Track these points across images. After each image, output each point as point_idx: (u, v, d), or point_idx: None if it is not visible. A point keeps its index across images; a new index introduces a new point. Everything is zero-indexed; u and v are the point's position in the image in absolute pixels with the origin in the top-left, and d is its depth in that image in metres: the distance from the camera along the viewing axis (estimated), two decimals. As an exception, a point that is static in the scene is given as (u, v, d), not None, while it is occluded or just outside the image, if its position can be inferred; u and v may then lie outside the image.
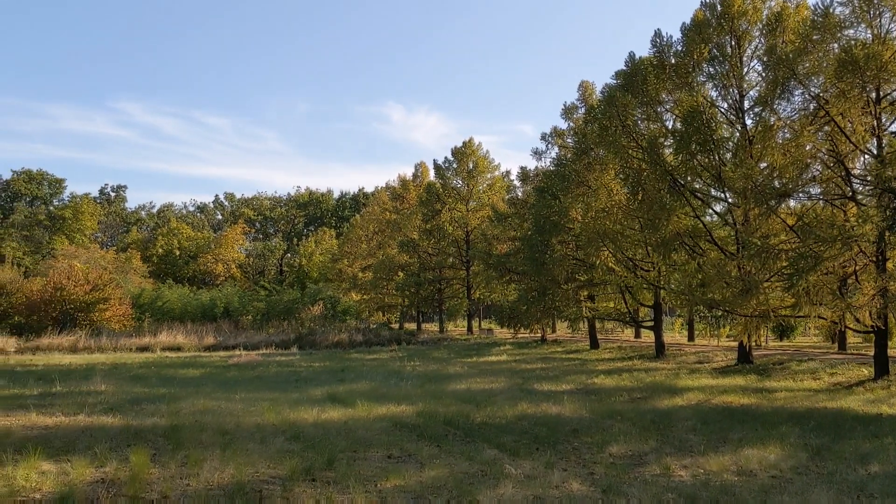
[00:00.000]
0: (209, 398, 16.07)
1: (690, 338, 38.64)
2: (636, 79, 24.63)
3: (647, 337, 39.58)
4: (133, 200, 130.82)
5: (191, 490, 8.17)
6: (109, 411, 13.95)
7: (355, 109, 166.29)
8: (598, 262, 28.99)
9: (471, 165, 50.40)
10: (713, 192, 24.47)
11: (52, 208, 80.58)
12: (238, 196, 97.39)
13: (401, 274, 51.71)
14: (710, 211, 25.61)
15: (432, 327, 58.29)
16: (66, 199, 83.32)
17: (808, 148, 19.33)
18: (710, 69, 23.87)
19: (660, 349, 28.52)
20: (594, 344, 34.62)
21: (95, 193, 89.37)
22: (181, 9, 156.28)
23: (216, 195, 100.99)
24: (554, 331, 47.38)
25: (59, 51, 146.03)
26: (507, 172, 53.14)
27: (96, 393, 16.94)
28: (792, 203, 22.22)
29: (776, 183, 19.67)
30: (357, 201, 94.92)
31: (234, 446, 10.40)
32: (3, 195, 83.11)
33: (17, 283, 43.39)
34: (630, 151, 24.98)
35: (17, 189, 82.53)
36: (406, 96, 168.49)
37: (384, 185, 66.59)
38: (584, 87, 35.46)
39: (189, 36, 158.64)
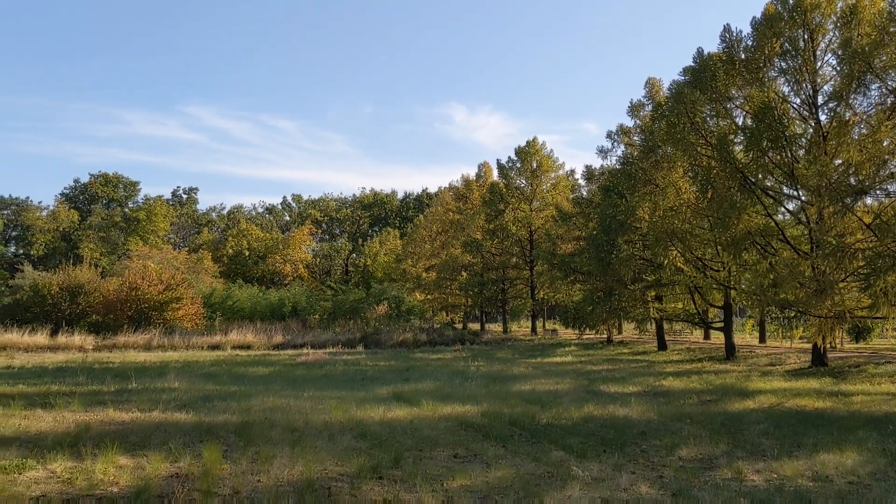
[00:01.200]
0: (278, 396, 16.37)
1: (762, 339, 37.68)
2: (705, 75, 24.15)
3: (717, 338, 38.79)
4: (204, 202, 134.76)
5: (261, 486, 8.33)
6: (182, 408, 14.33)
7: (418, 111, 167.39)
8: (666, 262, 28.50)
9: (534, 165, 50.18)
10: (785, 189, 23.82)
11: (127, 210, 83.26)
12: (305, 198, 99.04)
13: (464, 274, 51.77)
14: (783, 209, 24.93)
15: (496, 328, 58.19)
16: (141, 201, 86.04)
17: (885, 144, 18.68)
18: (782, 64, 23.25)
19: (730, 351, 27.90)
20: (662, 345, 34.06)
21: (168, 196, 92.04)
22: (249, 15, 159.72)
23: (284, 197, 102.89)
24: (620, 332, 46.78)
25: (133, 59, 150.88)
26: (572, 171, 52.79)
27: (170, 390, 17.41)
28: (868, 201, 21.48)
29: (852, 180, 19.06)
30: (421, 202, 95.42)
31: (303, 443, 10.57)
32: (81, 198, 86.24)
33: (95, 283, 44.85)
34: (699, 149, 24.51)
35: (95, 192, 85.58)
36: (469, 97, 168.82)
37: (447, 186, 66.83)
38: (651, 85, 34.92)
39: (257, 41, 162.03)
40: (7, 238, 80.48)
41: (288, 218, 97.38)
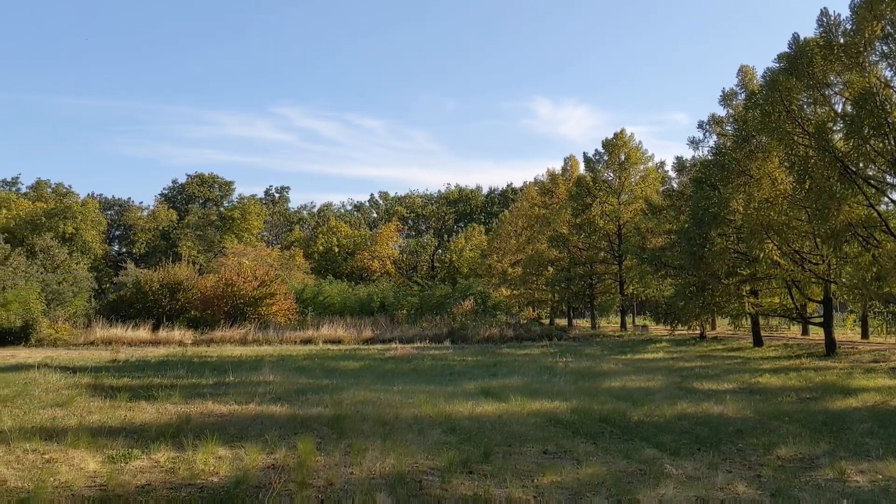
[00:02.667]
0: (369, 389, 16.63)
1: (864, 335, 36.01)
2: (801, 61, 23.25)
3: (816, 334, 37.32)
4: (295, 201, 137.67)
5: (354, 478, 8.49)
6: (277, 401, 14.73)
7: (502, 105, 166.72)
8: (761, 256, 27.55)
9: (622, 157, 49.32)
10: (889, 178, 22.73)
11: (222, 209, 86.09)
12: (391, 195, 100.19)
13: (550, 269, 51.36)
14: (886, 199, 23.76)
15: (584, 323, 57.55)
16: (235, 200, 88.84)
17: None
18: (884, 48, 22.14)
19: (830, 347, 26.80)
20: (757, 341, 32.99)
21: (261, 195, 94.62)
22: (334, 16, 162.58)
23: (371, 194, 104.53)
24: (713, 327, 45.53)
25: (225, 62, 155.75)
26: (661, 163, 51.53)
27: (265, 383, 17.91)
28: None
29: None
30: (505, 197, 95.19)
31: (394, 437, 10.71)
32: (179, 198, 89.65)
33: (193, 280, 46.50)
34: (795, 138, 23.62)
35: (192, 192, 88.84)
36: (553, 90, 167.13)
37: (532, 180, 66.37)
38: (744, 72, 33.78)
39: (343, 42, 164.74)
40: (111, 237, 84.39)
41: (375, 215, 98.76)
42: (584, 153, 51.49)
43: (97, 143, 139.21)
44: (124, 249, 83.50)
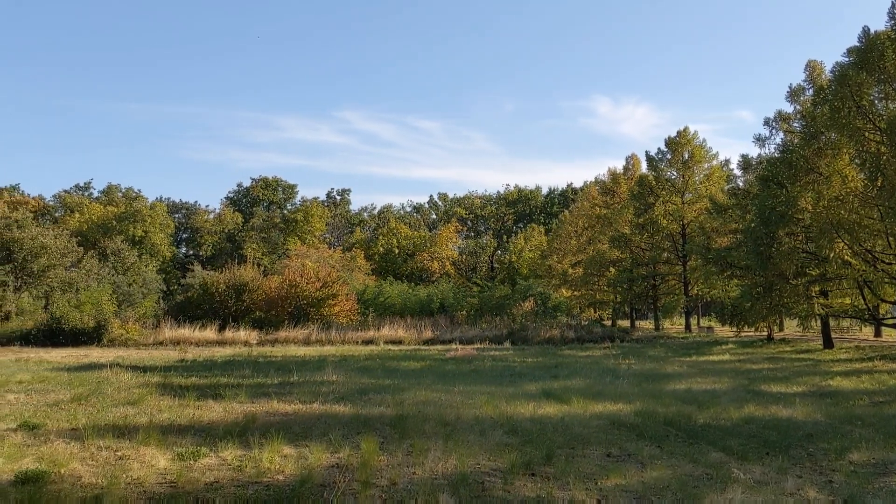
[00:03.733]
0: (430, 390, 16.69)
1: (943, 338, 34.68)
2: (871, 55, 22.52)
3: (889, 336, 36.10)
4: (356, 203, 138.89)
5: (416, 478, 8.53)
6: (340, 400, 14.89)
7: (561, 105, 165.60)
8: (831, 256, 26.74)
9: (686, 155, 48.45)
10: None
11: (285, 212, 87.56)
12: (451, 196, 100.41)
13: (612, 270, 50.76)
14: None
15: (647, 325, 56.72)
16: (298, 203, 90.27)
17: None
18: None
19: (906, 350, 25.87)
20: (828, 343, 32.02)
21: (323, 197, 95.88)
22: (393, 20, 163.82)
23: (430, 196, 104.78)
24: (781, 329, 44.42)
25: (287, 68, 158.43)
26: (726, 161, 50.47)
27: (328, 383, 18.13)
28: None
29: None
30: (565, 197, 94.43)
31: (456, 437, 10.72)
32: (244, 201, 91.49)
33: (258, 281, 47.36)
34: (866, 134, 22.88)
35: (256, 195, 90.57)
36: (613, 88, 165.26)
37: (593, 180, 65.75)
38: (812, 67, 32.84)
39: (402, 45, 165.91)
40: (179, 240, 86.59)
41: (434, 216, 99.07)
42: (646, 152, 50.84)
43: (166, 148, 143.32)
44: (191, 252, 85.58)
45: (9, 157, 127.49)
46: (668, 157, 48.99)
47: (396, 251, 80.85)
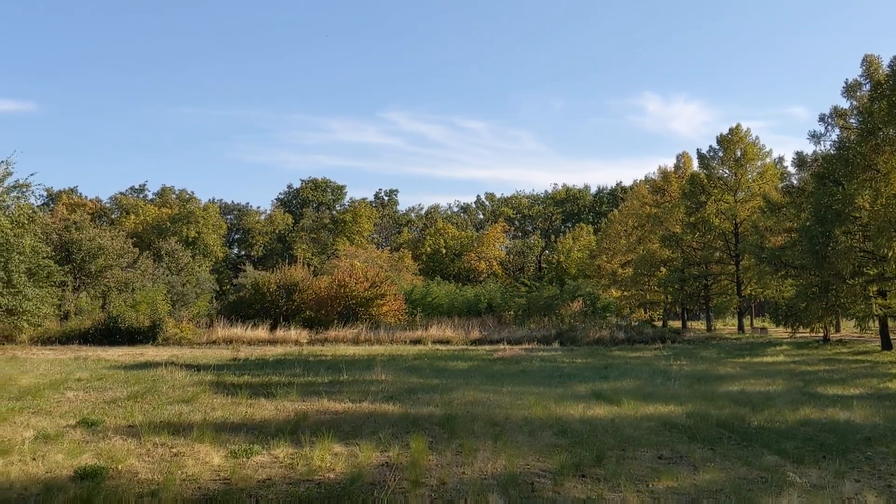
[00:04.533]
0: (478, 390, 16.68)
1: None
2: (934, 47, 21.77)
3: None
4: (403, 203, 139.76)
5: (466, 478, 8.53)
6: (389, 400, 14.97)
7: (610, 103, 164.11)
8: (889, 255, 26.00)
9: (738, 153, 47.60)
10: None
11: (334, 213, 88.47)
12: (498, 196, 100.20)
13: (663, 269, 50.11)
14: None
15: (698, 325, 55.85)
16: (347, 204, 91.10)
17: None
18: None
19: (970, 352, 25.02)
20: (886, 344, 31.13)
21: (371, 198, 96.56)
22: (438, 21, 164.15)
23: (478, 196, 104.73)
24: (838, 330, 43.32)
25: (334, 70, 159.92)
26: (780, 159, 49.49)
27: (377, 382, 18.24)
28: None
29: None
30: (615, 196, 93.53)
31: (505, 438, 10.70)
32: (294, 202, 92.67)
33: (308, 281, 47.85)
34: (928, 129, 22.17)
35: (306, 196, 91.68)
36: (663, 86, 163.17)
37: (643, 178, 65.01)
38: (869, 62, 31.96)
39: (448, 46, 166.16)
40: (231, 241, 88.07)
41: (482, 216, 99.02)
42: (697, 149, 50.04)
43: (218, 151, 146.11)
44: (243, 252, 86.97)
45: (68, 161, 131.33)
46: (721, 154, 48.19)
47: (444, 251, 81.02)
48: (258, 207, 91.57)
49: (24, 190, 34.33)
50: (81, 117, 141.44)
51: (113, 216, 78.35)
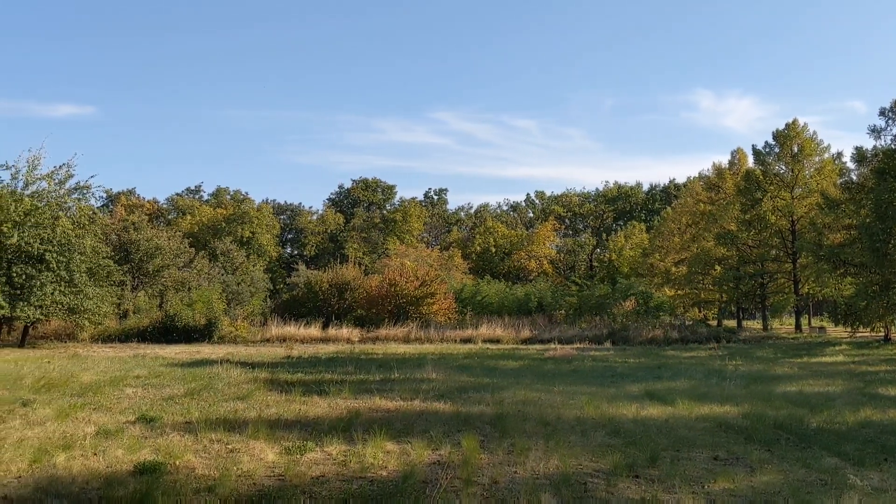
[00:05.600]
0: (529, 389, 16.61)
1: None
2: None
3: None
4: (453, 202, 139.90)
5: (518, 478, 8.51)
6: (440, 398, 15.00)
7: (662, 99, 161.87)
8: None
9: (795, 149, 46.53)
10: None
11: (385, 212, 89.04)
12: (548, 194, 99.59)
13: (718, 268, 49.24)
14: None
15: (754, 324, 54.76)
16: (397, 203, 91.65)
17: None
18: None
19: None
20: (952, 345, 30.17)
21: (420, 197, 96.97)
22: (486, 19, 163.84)
23: (527, 194, 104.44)
24: (900, 329, 42.09)
25: (383, 71, 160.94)
26: (839, 154, 48.21)
27: (428, 380, 18.28)
28: None
29: None
30: (668, 193, 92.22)
31: (557, 437, 10.64)
32: (345, 202, 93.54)
33: (359, 280, 48.31)
34: None
35: (357, 196, 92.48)
36: (716, 81, 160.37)
37: (696, 175, 63.96)
38: (934, 52, 30.98)
39: (495, 44, 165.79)
40: (284, 240, 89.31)
41: (531, 214, 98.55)
42: (752, 145, 49.12)
43: (271, 153, 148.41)
44: (296, 252, 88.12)
45: (126, 163, 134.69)
46: (777, 150, 47.20)
47: (493, 250, 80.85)
48: (310, 207, 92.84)
49: (85, 192, 35.36)
50: (139, 120, 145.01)
51: (170, 217, 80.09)
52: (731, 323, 55.25)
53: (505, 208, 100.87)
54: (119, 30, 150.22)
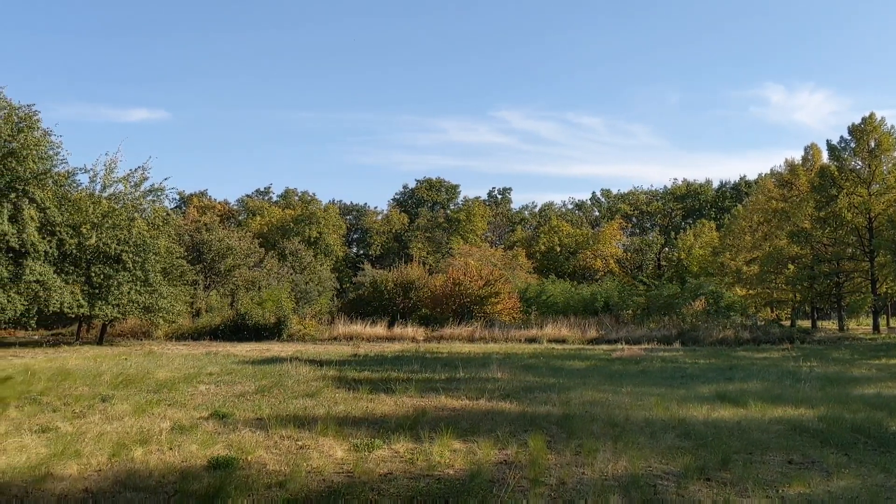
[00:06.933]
0: (596, 390, 16.45)
1: None
2: None
3: None
4: (517, 201, 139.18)
5: (586, 479, 8.45)
6: (506, 398, 14.98)
7: (730, 95, 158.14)
8: None
9: (872, 144, 44.87)
10: None
11: (448, 212, 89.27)
12: (614, 192, 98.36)
13: (791, 267, 47.86)
14: None
15: (829, 325, 53.06)
16: (460, 203, 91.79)
17: None
18: None
19: None
20: None
21: (484, 196, 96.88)
22: (547, 16, 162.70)
23: (593, 192, 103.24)
24: None
25: (445, 70, 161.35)
26: (919, 149, 46.31)
27: (493, 380, 18.28)
28: None
29: None
30: (738, 190, 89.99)
31: (625, 439, 10.52)
32: (409, 202, 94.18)
33: (424, 280, 48.59)
34: None
35: (421, 196, 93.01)
36: (787, 76, 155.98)
37: (768, 172, 62.25)
38: None
39: (558, 41, 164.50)
40: (350, 240, 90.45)
41: (597, 213, 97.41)
42: (827, 141, 47.51)
43: (336, 153, 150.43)
44: (361, 251, 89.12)
45: (198, 165, 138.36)
46: (852, 145, 45.60)
47: (558, 249, 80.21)
48: (375, 207, 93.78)
49: (159, 193, 36.54)
50: (210, 124, 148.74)
51: (240, 218, 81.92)
52: (806, 323, 53.64)
53: (570, 207, 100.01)
54: (188, 34, 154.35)
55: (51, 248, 30.99)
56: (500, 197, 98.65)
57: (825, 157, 49.25)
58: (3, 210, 29.16)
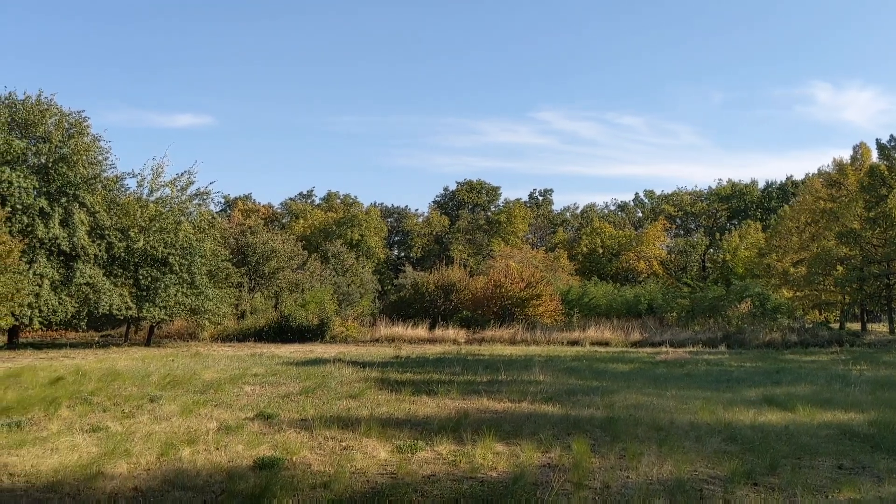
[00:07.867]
0: (640, 393, 16.31)
1: None
2: None
3: None
4: (558, 203, 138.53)
5: (630, 482, 8.38)
6: (549, 400, 14.92)
7: (774, 93, 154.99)
8: None
9: (925, 141, 43.75)
10: None
11: (489, 214, 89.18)
12: (658, 193, 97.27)
13: (840, 268, 46.83)
14: None
15: (880, 328, 51.78)
16: (501, 205, 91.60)
17: None
18: None
19: None
20: None
21: (525, 198, 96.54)
22: (586, 16, 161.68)
23: (636, 193, 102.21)
24: None
25: (484, 72, 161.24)
26: (974, 147, 45.00)
27: (536, 382, 18.22)
28: None
29: None
30: (784, 191, 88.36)
31: (670, 443, 10.41)
32: (450, 204, 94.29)
33: (465, 282, 48.61)
34: None
35: (461, 198, 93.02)
36: (833, 73, 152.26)
37: (816, 172, 61.04)
38: None
39: (599, 42, 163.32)
40: (391, 242, 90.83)
41: (640, 214, 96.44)
42: (876, 140, 46.42)
43: (376, 157, 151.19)
44: (402, 253, 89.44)
45: (242, 169, 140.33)
46: (904, 143, 44.51)
47: (600, 251, 79.58)
48: (416, 210, 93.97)
49: (205, 197, 37.24)
50: (254, 129, 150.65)
51: (283, 221, 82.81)
52: (855, 326, 52.40)
53: (612, 208, 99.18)
54: (232, 44, 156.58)
55: (100, 251, 31.74)
56: (541, 198, 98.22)
57: (874, 156, 48.18)
58: (54, 214, 29.97)
